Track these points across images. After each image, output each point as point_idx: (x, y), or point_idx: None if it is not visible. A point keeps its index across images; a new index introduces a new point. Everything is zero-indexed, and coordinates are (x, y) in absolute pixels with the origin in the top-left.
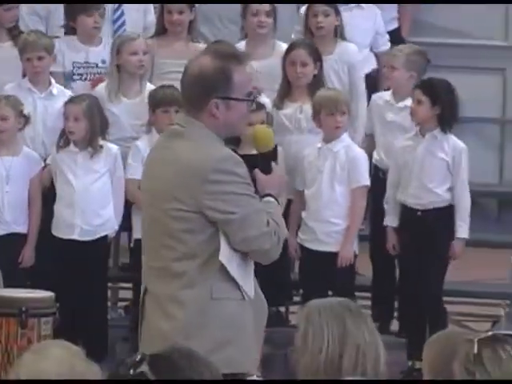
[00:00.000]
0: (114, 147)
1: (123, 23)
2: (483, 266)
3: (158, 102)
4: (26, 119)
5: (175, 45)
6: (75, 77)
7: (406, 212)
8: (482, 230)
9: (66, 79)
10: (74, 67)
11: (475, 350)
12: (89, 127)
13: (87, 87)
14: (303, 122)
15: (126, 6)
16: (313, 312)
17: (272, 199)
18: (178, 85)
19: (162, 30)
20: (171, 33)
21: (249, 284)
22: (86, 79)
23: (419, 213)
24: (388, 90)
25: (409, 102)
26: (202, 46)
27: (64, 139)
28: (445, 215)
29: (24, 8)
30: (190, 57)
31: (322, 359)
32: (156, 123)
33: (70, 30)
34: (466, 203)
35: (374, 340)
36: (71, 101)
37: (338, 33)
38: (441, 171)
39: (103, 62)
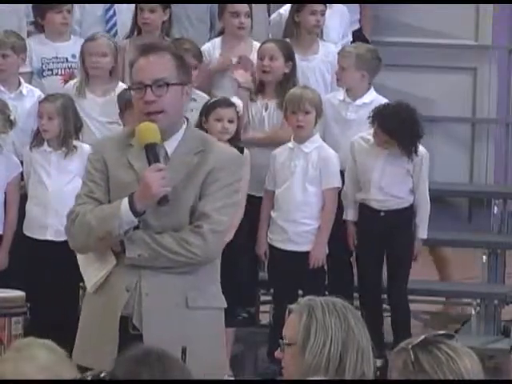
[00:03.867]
0: (86, 147)
1: (115, 23)
2: (454, 265)
3: (125, 102)
4: (11, 124)
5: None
6: (46, 73)
7: (368, 211)
8: (452, 230)
9: (37, 76)
10: (42, 63)
11: (412, 358)
12: (62, 126)
13: (58, 82)
14: (266, 120)
15: (118, 6)
16: (316, 308)
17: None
18: None
19: (136, 30)
20: (145, 32)
21: (87, 276)
22: (57, 74)
23: (382, 213)
24: None
25: (366, 99)
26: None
27: (38, 138)
28: (407, 214)
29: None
30: None
31: (325, 356)
32: (126, 124)
33: (38, 27)
34: (426, 205)
35: (369, 344)
36: (46, 99)
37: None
38: (402, 177)
39: (73, 56)
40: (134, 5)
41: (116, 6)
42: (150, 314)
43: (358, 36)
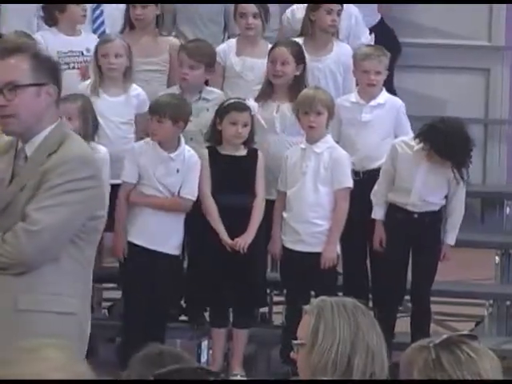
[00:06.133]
0: (102, 149)
1: (102, 22)
2: (467, 266)
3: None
4: None
5: (142, 41)
6: (62, 66)
7: (401, 213)
8: (466, 231)
9: None
10: (59, 57)
11: (433, 356)
12: (82, 126)
13: (74, 76)
14: (277, 123)
15: (105, 6)
16: (325, 308)
17: None
18: (148, 85)
19: (129, 26)
20: (138, 28)
21: None
22: (73, 68)
23: (416, 215)
24: None
25: (380, 99)
26: (173, 39)
27: None
28: (438, 218)
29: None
30: (158, 52)
31: (332, 357)
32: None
33: (49, 21)
34: (461, 212)
35: (381, 344)
36: (66, 99)
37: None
38: (441, 185)
39: (87, 50)
40: (122, 4)
41: (103, 5)
42: None
43: (380, 30)
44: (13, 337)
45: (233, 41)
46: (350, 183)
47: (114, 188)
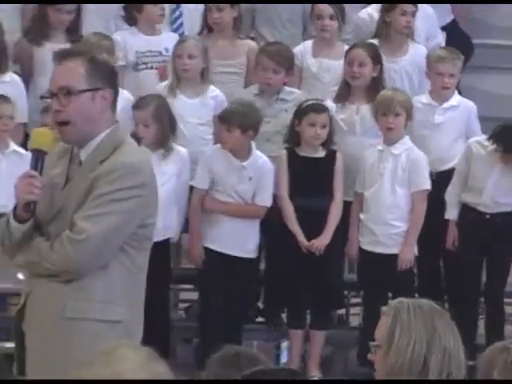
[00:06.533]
0: (183, 150)
1: (181, 24)
2: None
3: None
4: None
5: (219, 43)
6: (140, 66)
7: (473, 214)
8: None
9: (133, 69)
10: (137, 57)
11: None
12: (159, 129)
13: (153, 76)
14: (357, 125)
15: (184, 7)
16: (402, 309)
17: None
18: (225, 87)
19: (207, 29)
20: (215, 31)
21: None
22: (151, 68)
23: (487, 216)
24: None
25: (453, 101)
26: (251, 42)
27: (135, 140)
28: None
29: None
30: (236, 55)
31: (408, 357)
32: None
33: (129, 20)
34: None
35: (459, 346)
36: (138, 106)
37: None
38: None
39: (166, 50)
40: (201, 4)
41: (183, 6)
42: (28, 323)
43: (452, 31)
44: (60, 344)
45: (309, 42)
46: (427, 185)
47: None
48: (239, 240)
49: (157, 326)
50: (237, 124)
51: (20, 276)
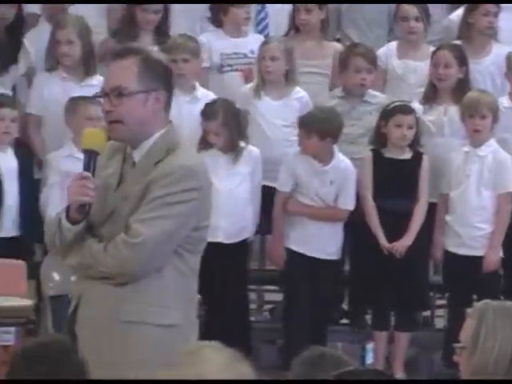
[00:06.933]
0: (254, 150)
1: (267, 25)
2: None
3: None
4: None
5: (306, 44)
6: (225, 68)
7: None
8: None
9: (217, 71)
10: (222, 59)
11: None
12: (229, 135)
13: (238, 78)
14: (446, 126)
15: (270, 8)
16: (487, 311)
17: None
18: (310, 88)
19: (294, 30)
20: (303, 32)
21: None
22: (236, 70)
23: None
24: None
25: None
26: (337, 44)
27: (205, 143)
28: None
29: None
30: (322, 56)
31: (493, 358)
32: None
33: (215, 22)
34: None
35: None
36: (207, 116)
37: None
38: None
39: (252, 52)
40: (287, 5)
41: (268, 7)
42: (81, 326)
43: None
44: (115, 347)
45: (393, 44)
46: None
47: (272, 189)
48: (322, 242)
49: (236, 327)
50: (315, 131)
51: (72, 278)
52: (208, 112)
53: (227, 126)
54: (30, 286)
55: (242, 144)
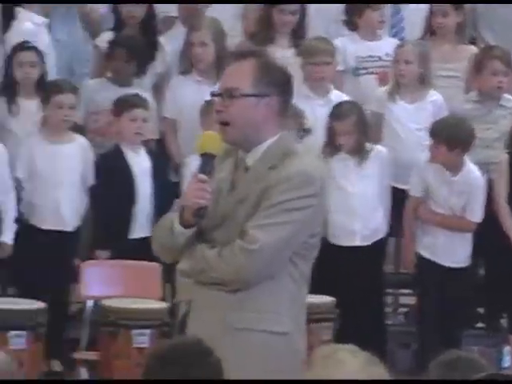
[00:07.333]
0: (382, 150)
1: (403, 28)
2: None
3: None
4: (305, 132)
5: (442, 48)
6: (361, 71)
7: None
8: None
9: (352, 74)
10: (357, 62)
11: None
12: (358, 137)
13: (373, 81)
14: None
15: (404, 9)
16: None
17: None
18: (446, 91)
19: (430, 33)
20: (438, 35)
21: None
22: (372, 73)
23: None
24: None
25: None
26: (473, 48)
27: (331, 146)
28: None
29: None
30: (458, 59)
31: None
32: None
33: (350, 25)
34: None
35: None
36: (337, 117)
37: None
38: None
39: (387, 55)
40: (423, 6)
41: (403, 10)
42: (192, 331)
43: None
44: (228, 354)
45: None
46: None
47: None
48: (451, 251)
49: (372, 330)
50: (444, 141)
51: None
52: (339, 112)
53: (357, 127)
54: (167, 290)
55: (369, 146)
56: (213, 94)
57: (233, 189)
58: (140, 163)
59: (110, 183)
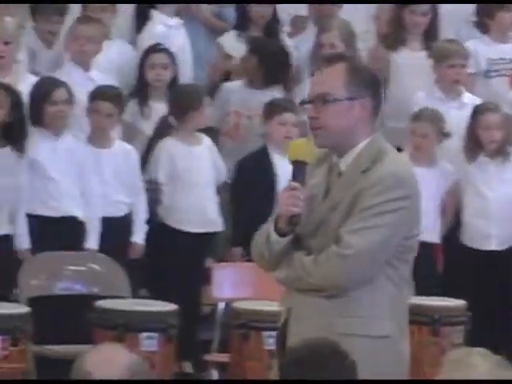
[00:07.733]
0: None
1: None
2: None
3: None
4: (445, 136)
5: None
6: (492, 73)
7: None
8: None
9: (484, 77)
10: (488, 64)
11: None
12: (503, 134)
13: (504, 84)
14: None
15: None
16: None
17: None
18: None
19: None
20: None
21: None
22: (504, 75)
23: None
24: None
25: None
26: None
27: (472, 151)
28: None
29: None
30: None
31: None
32: None
33: (481, 27)
34: None
35: None
36: (482, 112)
37: None
38: None
39: None
40: None
41: None
42: (294, 339)
43: None
44: None
45: None
46: None
47: None
48: None
49: (503, 334)
50: None
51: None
52: (483, 108)
53: (503, 123)
54: None
55: (510, 148)
56: (304, 102)
57: (327, 195)
58: (285, 166)
59: (252, 183)
